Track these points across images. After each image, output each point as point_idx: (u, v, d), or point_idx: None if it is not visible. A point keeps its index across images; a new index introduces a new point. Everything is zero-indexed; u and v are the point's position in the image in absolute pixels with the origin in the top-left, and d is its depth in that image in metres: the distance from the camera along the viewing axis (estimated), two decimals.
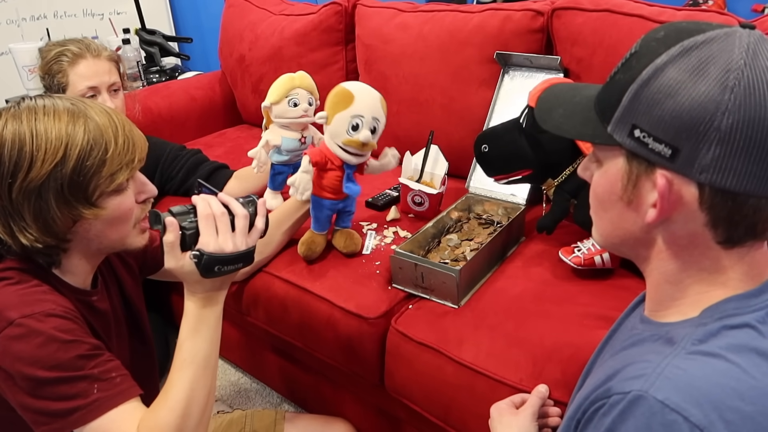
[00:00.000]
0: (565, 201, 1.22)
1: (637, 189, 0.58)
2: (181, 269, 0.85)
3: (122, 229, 0.89)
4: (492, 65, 1.56)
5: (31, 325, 0.78)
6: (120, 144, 0.84)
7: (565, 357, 0.98)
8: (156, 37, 2.59)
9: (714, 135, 0.51)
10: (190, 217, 0.85)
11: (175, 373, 0.84)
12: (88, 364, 0.80)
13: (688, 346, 0.55)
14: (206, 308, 0.87)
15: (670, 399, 0.50)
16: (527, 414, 0.88)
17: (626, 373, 0.56)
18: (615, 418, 0.53)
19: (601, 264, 1.14)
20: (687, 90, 0.52)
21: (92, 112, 0.84)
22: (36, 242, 0.82)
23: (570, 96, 0.65)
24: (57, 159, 0.80)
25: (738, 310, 0.57)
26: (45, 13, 2.73)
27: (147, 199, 0.92)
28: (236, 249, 0.85)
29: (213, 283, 0.86)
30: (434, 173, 1.48)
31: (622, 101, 0.56)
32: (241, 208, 0.87)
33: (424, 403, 1.13)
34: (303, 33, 1.97)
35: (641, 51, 0.56)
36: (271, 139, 1.41)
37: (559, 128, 0.64)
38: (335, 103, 1.16)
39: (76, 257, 0.90)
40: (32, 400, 0.78)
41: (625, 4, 1.40)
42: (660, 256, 0.61)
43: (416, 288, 1.19)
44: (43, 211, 0.81)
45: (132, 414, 0.81)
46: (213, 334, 0.88)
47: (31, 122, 0.81)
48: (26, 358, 0.77)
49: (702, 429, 0.49)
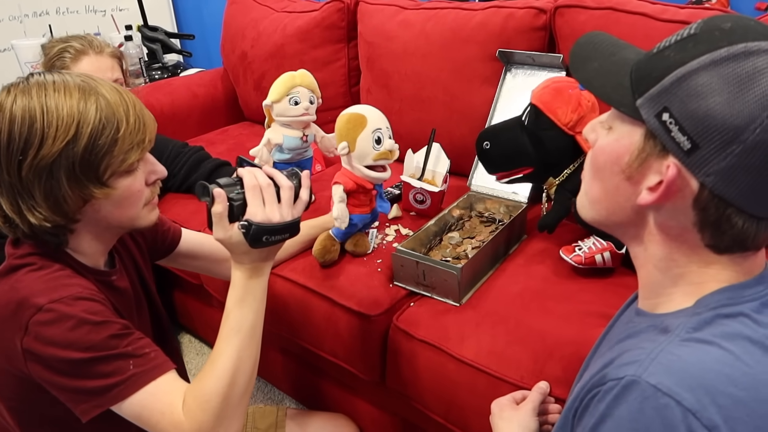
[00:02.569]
0: (567, 200, 1.22)
1: (642, 168, 0.57)
2: (229, 240, 0.85)
3: (131, 210, 0.88)
4: (494, 63, 1.56)
5: (61, 309, 0.78)
6: (131, 123, 0.83)
7: (566, 354, 0.98)
8: (158, 33, 2.59)
9: (737, 147, 0.51)
10: (236, 189, 0.86)
11: (222, 343, 0.85)
12: (120, 342, 0.81)
13: (683, 334, 0.55)
14: (253, 279, 0.88)
15: (663, 383, 0.50)
16: (528, 409, 0.88)
17: (621, 360, 0.56)
18: (609, 403, 0.53)
19: (602, 263, 1.14)
20: (730, 95, 0.51)
21: (103, 89, 0.82)
22: (45, 221, 0.81)
23: (609, 52, 0.62)
24: (69, 136, 0.78)
25: (732, 300, 0.57)
26: (47, 10, 2.73)
27: (156, 181, 0.91)
28: (283, 219, 0.85)
29: (260, 254, 0.87)
30: (436, 171, 1.48)
31: (663, 80, 0.54)
32: (286, 180, 0.88)
33: (426, 400, 1.14)
34: (305, 30, 1.97)
35: (701, 36, 0.54)
36: (272, 138, 1.41)
37: (588, 82, 0.62)
38: (351, 128, 1.16)
39: (87, 237, 0.89)
40: (68, 380, 0.79)
41: (628, 2, 1.39)
42: (651, 239, 0.61)
43: (418, 286, 1.19)
44: (54, 190, 0.80)
45: (171, 386, 0.82)
46: (259, 305, 0.88)
47: (42, 98, 0.78)
48: (59, 342, 0.77)
49: (694, 413, 0.49)
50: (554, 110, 1.17)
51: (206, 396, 0.80)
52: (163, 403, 0.80)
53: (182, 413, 0.80)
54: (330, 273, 1.26)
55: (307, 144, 1.45)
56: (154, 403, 0.80)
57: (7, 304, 0.80)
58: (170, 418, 0.80)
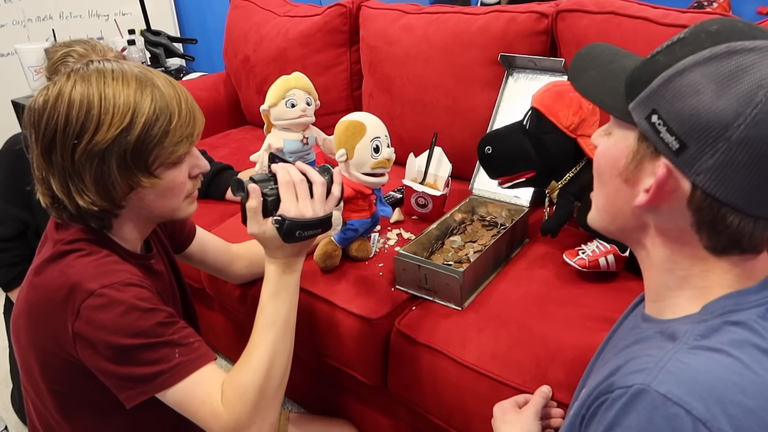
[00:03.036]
0: (569, 203, 1.22)
1: (637, 170, 0.59)
2: (263, 234, 0.87)
3: (173, 201, 0.90)
4: (496, 67, 1.56)
5: (112, 294, 0.80)
6: (183, 116, 0.85)
7: (568, 359, 0.98)
8: (161, 38, 2.60)
9: (722, 144, 0.52)
10: (270, 184, 0.87)
11: (257, 336, 0.87)
12: (167, 330, 0.82)
13: (691, 341, 0.55)
14: (286, 273, 0.90)
15: (673, 392, 0.50)
16: (530, 413, 0.88)
17: (629, 367, 0.56)
18: (618, 411, 0.53)
19: (606, 266, 1.14)
20: (714, 93, 0.52)
21: (158, 80, 0.85)
22: (92, 205, 0.83)
23: (607, 61, 0.64)
24: (123, 125, 0.80)
25: (739, 306, 0.57)
26: (51, 14, 2.74)
27: (198, 174, 0.93)
28: (315, 215, 0.87)
29: (292, 249, 0.89)
30: (438, 175, 1.48)
31: (652, 83, 0.56)
32: (319, 176, 0.89)
33: (428, 404, 1.13)
34: (308, 34, 1.98)
35: (688, 39, 0.56)
36: (273, 142, 1.41)
37: (585, 90, 0.64)
38: (349, 136, 1.16)
39: (129, 225, 0.91)
40: (116, 366, 0.80)
41: (630, 7, 1.40)
42: (652, 242, 0.62)
43: (420, 289, 1.19)
44: (104, 176, 0.81)
45: (212, 376, 0.84)
46: (292, 298, 0.91)
47: (100, 85, 0.80)
48: (109, 326, 0.79)
49: (704, 423, 0.49)
50: (555, 113, 1.17)
51: (244, 388, 0.83)
52: (204, 393, 0.82)
53: (221, 404, 0.82)
54: (332, 277, 1.26)
55: (309, 147, 1.45)
56: (196, 392, 0.82)
57: (59, 288, 0.81)
58: (210, 408, 0.82)
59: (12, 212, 1.51)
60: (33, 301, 0.85)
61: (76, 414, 0.91)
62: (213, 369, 0.85)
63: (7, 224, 1.52)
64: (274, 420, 0.86)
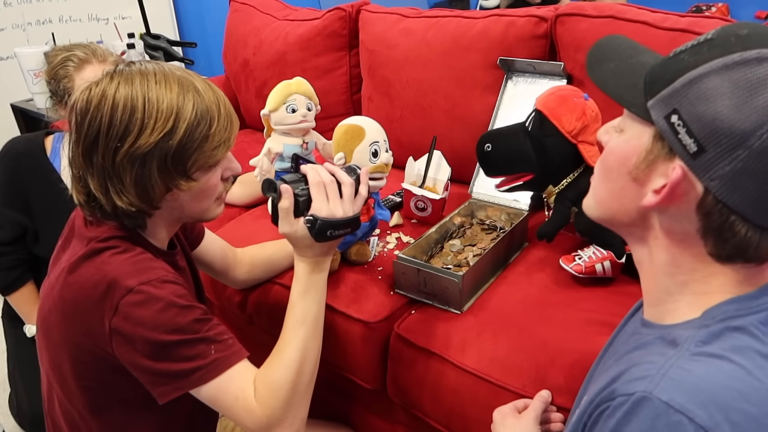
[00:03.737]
0: (566, 208, 1.21)
1: (648, 170, 0.58)
2: (295, 234, 0.89)
3: (205, 202, 0.92)
4: (495, 71, 1.56)
5: (150, 291, 0.81)
6: (222, 121, 0.86)
7: (568, 363, 0.98)
8: (160, 41, 2.60)
9: (742, 152, 0.51)
10: (301, 185, 0.89)
11: (288, 333, 0.89)
12: (203, 327, 0.84)
13: (692, 348, 0.55)
14: (315, 272, 0.92)
15: (675, 400, 0.50)
16: (530, 417, 0.87)
17: (630, 374, 0.56)
18: (619, 419, 0.52)
19: (602, 272, 1.14)
20: (740, 100, 0.51)
21: (199, 85, 0.86)
22: (130, 206, 0.84)
23: (627, 54, 0.63)
24: (166, 129, 0.81)
25: (740, 312, 0.57)
26: (50, 18, 2.74)
27: (230, 177, 0.95)
28: (345, 214, 0.89)
29: (322, 248, 0.91)
30: (437, 178, 1.48)
31: (675, 82, 0.55)
32: (347, 177, 0.91)
33: (427, 408, 1.13)
34: (307, 38, 1.98)
35: (717, 41, 0.54)
36: (273, 147, 1.41)
37: (602, 82, 0.62)
38: (348, 140, 1.16)
39: (160, 224, 0.92)
40: (153, 362, 0.81)
41: (629, 11, 1.40)
42: (655, 243, 0.61)
43: (419, 293, 1.19)
44: (144, 178, 0.83)
45: (246, 372, 0.86)
46: (321, 296, 0.93)
47: (144, 88, 0.81)
48: (148, 323, 0.80)
49: (707, 430, 0.48)
50: (559, 117, 1.17)
51: (276, 384, 0.85)
52: (237, 388, 0.84)
53: (254, 399, 0.84)
54: (330, 281, 1.25)
55: (308, 152, 1.45)
56: (230, 388, 0.84)
57: (96, 285, 0.82)
58: (243, 404, 0.84)
59: (10, 216, 1.51)
60: (68, 298, 0.85)
61: (104, 410, 0.92)
62: (246, 365, 0.87)
63: (5, 228, 1.51)
64: (304, 415, 0.89)
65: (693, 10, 1.82)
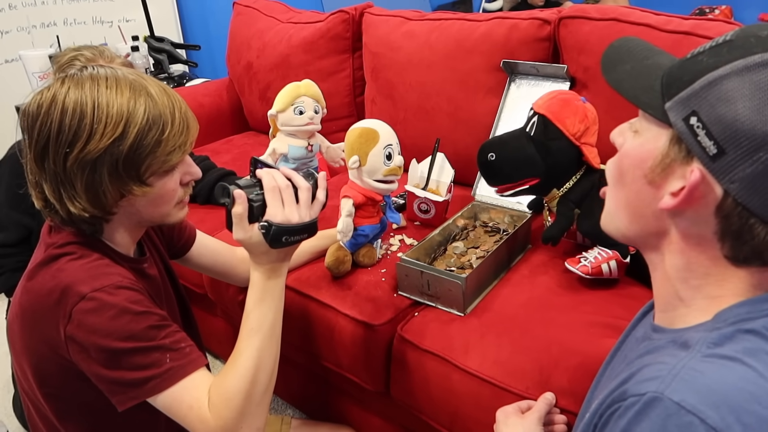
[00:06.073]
0: (570, 210, 1.21)
1: (665, 173, 0.57)
2: (249, 240, 0.86)
3: (163, 207, 0.90)
4: (498, 73, 1.57)
5: (103, 298, 0.80)
6: (176, 125, 0.84)
7: (571, 365, 0.98)
8: (164, 44, 2.61)
9: (763, 154, 0.51)
10: (256, 190, 0.87)
11: (243, 342, 0.87)
12: (159, 334, 0.82)
13: (704, 350, 0.54)
14: (271, 279, 0.90)
15: (686, 401, 0.50)
16: (533, 418, 0.87)
17: (642, 375, 0.55)
18: (630, 419, 0.52)
19: (608, 272, 1.14)
20: (761, 101, 0.50)
21: (152, 89, 0.84)
22: (83, 212, 0.82)
23: (642, 56, 0.62)
24: (116, 134, 0.79)
25: (751, 315, 0.56)
26: (55, 21, 2.76)
27: (190, 181, 0.93)
28: (301, 220, 0.87)
29: (278, 255, 0.89)
30: (440, 181, 1.48)
31: (694, 84, 0.54)
32: (304, 181, 0.89)
33: (430, 411, 1.13)
34: (310, 41, 1.98)
35: (736, 42, 0.54)
36: (278, 148, 1.42)
37: (618, 84, 0.62)
38: (363, 143, 1.17)
39: (120, 229, 0.91)
40: (107, 371, 0.80)
41: (632, 13, 1.40)
42: (670, 247, 0.61)
43: (422, 295, 1.19)
44: (95, 184, 0.81)
45: (202, 382, 0.84)
46: (278, 304, 0.91)
47: (94, 92, 0.80)
48: (101, 330, 0.79)
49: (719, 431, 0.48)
50: (563, 120, 1.17)
51: (229, 394, 0.83)
52: (192, 398, 0.82)
53: (208, 410, 0.82)
54: (334, 283, 1.26)
55: (313, 154, 1.45)
56: (184, 397, 0.82)
57: (51, 293, 0.81)
58: (197, 413, 0.82)
59: (16, 218, 1.51)
60: (26, 306, 0.85)
61: (70, 418, 0.91)
62: (203, 374, 0.85)
63: (10, 230, 1.52)
64: (260, 425, 0.86)
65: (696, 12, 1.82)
